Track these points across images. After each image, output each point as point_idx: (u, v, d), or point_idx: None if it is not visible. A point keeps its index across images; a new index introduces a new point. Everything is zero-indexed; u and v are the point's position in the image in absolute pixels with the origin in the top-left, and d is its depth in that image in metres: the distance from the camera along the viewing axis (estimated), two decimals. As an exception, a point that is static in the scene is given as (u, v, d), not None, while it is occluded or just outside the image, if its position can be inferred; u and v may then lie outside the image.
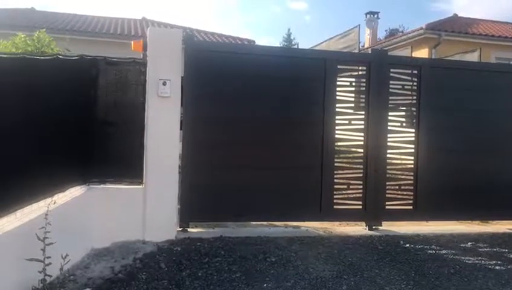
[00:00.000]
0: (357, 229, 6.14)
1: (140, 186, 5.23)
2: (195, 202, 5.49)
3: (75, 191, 4.70)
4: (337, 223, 6.36)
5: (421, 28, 16.04)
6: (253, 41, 18.26)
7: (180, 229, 5.49)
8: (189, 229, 5.56)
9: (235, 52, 5.95)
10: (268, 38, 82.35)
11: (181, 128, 5.38)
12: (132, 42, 5.45)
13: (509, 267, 4.84)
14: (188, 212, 5.51)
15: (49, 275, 3.46)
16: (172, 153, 5.26)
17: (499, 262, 4.98)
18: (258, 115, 5.76)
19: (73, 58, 4.99)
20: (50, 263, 3.43)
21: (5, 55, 4.64)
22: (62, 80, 4.61)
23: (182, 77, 5.37)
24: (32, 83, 4.05)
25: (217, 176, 5.61)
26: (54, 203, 3.89)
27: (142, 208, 5.15)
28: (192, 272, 4.24)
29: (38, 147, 4.06)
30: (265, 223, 6.10)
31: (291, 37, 53.94)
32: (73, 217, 4.42)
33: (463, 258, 5.07)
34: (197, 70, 5.51)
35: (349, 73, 6.23)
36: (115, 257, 4.63)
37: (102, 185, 5.11)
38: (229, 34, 19.02)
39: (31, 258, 3.32)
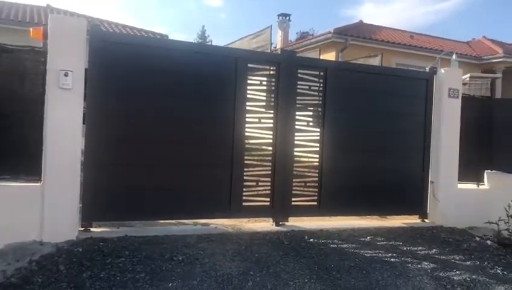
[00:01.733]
0: (265, 225, 6.25)
1: (38, 184, 4.90)
2: (98, 201, 5.25)
3: (-39, 190, 4.30)
4: (245, 219, 6.43)
5: (329, 32, 16.76)
6: (166, 36, 17.95)
7: (82, 229, 5.22)
8: (92, 229, 5.31)
9: (145, 45, 5.76)
10: (183, 34, 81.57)
11: (84, 123, 5.12)
12: (31, 29, 5.09)
13: (403, 259, 5.19)
14: (91, 212, 5.25)
15: None
16: (73, 148, 4.97)
17: (394, 255, 5.32)
18: (166, 112, 5.64)
19: (-40, 43, 4.56)
20: None
21: None
22: None
23: (86, 69, 5.11)
24: None
25: (122, 173, 5.42)
26: None
27: (40, 207, 4.83)
28: (94, 273, 4.05)
29: None
30: (173, 221, 6.00)
31: (206, 34, 53.91)
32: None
33: (362, 251, 5.35)
34: (103, 63, 5.26)
35: (260, 72, 6.31)
36: (7, 260, 4.28)
37: (-6, 183, 4.73)
38: (142, 27, 18.51)
39: None
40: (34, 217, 4.80)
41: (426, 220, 7.12)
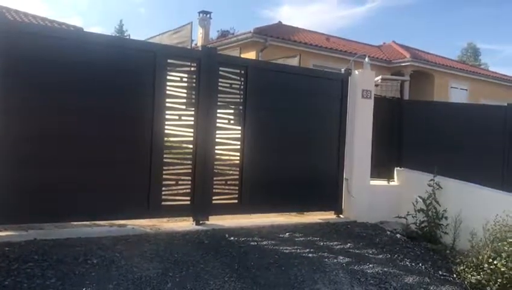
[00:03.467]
0: (185, 224, 6.14)
1: None
2: (3, 202, 4.86)
3: None
4: (165, 219, 6.27)
5: (250, 32, 16.93)
6: (81, 29, 17.10)
7: (-16, 233, 4.82)
8: (-4, 233, 4.91)
9: (57, 37, 5.38)
10: (99, 27, 78.40)
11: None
12: None
13: (319, 254, 5.35)
14: (-5, 214, 4.86)
15: None
16: (-25, 146, 4.57)
17: (311, 250, 5.46)
18: (81, 108, 5.34)
19: None
20: None
21: None
22: None
23: (-12, 60, 4.71)
24: None
25: (31, 172, 5.05)
26: None
27: None
28: (-3, 281, 3.74)
29: None
30: (88, 223, 5.70)
31: (124, 29, 52.26)
32: None
33: (281, 248, 5.43)
34: (9, 54, 4.87)
35: (180, 68, 6.18)
36: None
37: None
38: (55, 19, 17.51)
39: None
40: None
41: (341, 216, 7.39)
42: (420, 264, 5.45)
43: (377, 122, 7.53)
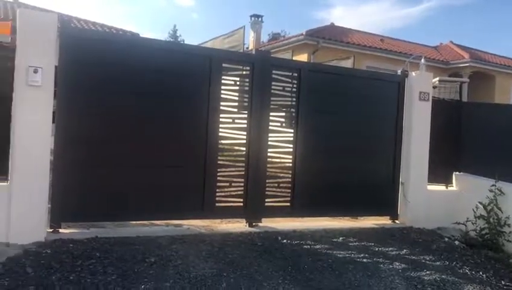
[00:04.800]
0: (238, 226, 6.22)
1: (5, 183, 4.74)
2: (68, 201, 5.12)
3: None
4: (219, 220, 6.38)
5: (302, 34, 16.92)
6: (137, 34, 17.70)
7: (51, 230, 5.07)
8: (61, 230, 5.16)
9: (117, 43, 5.65)
10: (153, 33, 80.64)
11: (54, 122, 4.98)
12: (-2, 24, 4.92)
13: (374, 259, 5.25)
14: (60, 212, 5.12)
15: None
16: (42, 147, 4.82)
17: (366, 255, 5.37)
18: (140, 111, 5.55)
19: None
20: None
21: None
22: None
23: (56, 66, 4.97)
24: None
25: (92, 173, 5.29)
26: None
27: (7, 207, 4.66)
28: (63, 275, 3.93)
29: None
30: (145, 222, 5.90)
31: (177, 34, 53.56)
32: None
33: (335, 252, 5.38)
34: (74, 60, 5.12)
35: (234, 72, 6.27)
36: (-29, 263, 4.12)
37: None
38: (112, 25, 18.22)
39: None
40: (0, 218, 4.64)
41: (397, 221, 7.22)
42: (481, 273, 5.23)
43: (434, 125, 7.29)
